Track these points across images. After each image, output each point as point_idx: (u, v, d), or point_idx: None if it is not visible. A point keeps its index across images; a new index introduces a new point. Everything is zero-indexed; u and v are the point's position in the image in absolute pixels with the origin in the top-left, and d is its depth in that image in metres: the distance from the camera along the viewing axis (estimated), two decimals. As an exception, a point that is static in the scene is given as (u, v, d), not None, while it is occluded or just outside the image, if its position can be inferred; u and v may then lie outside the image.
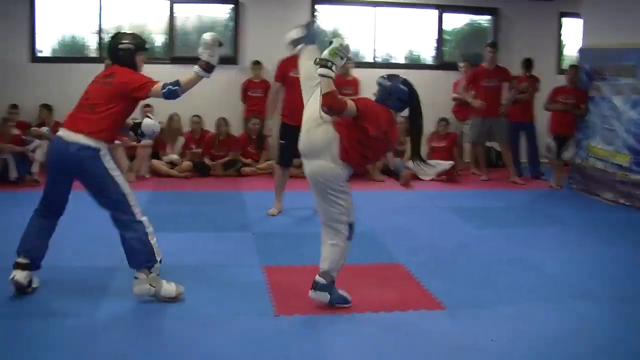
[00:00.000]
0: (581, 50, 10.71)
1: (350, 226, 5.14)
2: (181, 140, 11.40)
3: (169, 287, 5.21)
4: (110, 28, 12.31)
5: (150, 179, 10.66)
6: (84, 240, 6.84)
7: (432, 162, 11.15)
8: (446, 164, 11.07)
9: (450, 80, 12.19)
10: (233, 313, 5.05)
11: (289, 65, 8.04)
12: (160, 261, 5.21)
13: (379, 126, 4.92)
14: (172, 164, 11.06)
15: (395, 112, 5.11)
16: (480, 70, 10.89)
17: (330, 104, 4.79)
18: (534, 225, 8.02)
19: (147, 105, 11.44)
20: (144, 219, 5.20)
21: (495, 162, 12.32)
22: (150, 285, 5.13)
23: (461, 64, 12.04)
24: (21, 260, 5.27)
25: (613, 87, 9.60)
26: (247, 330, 4.74)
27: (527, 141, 11.57)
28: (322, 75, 4.84)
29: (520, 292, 5.66)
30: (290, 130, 7.61)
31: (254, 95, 11.91)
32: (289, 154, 8.19)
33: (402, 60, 13.43)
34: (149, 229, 5.19)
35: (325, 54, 4.90)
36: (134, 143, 10.58)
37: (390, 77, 5.18)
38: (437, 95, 12.10)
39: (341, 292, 5.19)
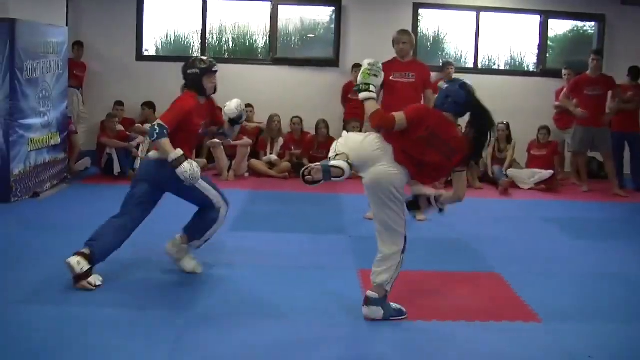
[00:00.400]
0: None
1: (405, 238, 5.04)
2: (281, 141, 11.51)
3: (189, 262, 5.92)
4: (214, 28, 12.55)
5: (249, 179, 10.80)
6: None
7: (530, 170, 11.04)
8: (546, 173, 10.90)
9: (552, 87, 11.98)
10: (325, 315, 5.08)
11: (388, 69, 7.94)
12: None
13: (425, 128, 4.84)
14: (271, 164, 11.18)
15: (453, 116, 5.01)
16: (583, 78, 10.67)
17: (379, 123, 4.82)
18: (635, 240, 7.82)
19: (248, 105, 11.59)
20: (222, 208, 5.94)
21: (597, 173, 12.06)
22: (178, 250, 5.94)
23: (564, 72, 11.82)
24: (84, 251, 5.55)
25: None
26: (338, 333, 4.77)
27: (632, 152, 11.28)
28: (364, 99, 4.89)
29: (617, 308, 5.50)
30: None
31: (354, 98, 11.93)
32: None
33: (504, 67, 13.27)
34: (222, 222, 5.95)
35: (360, 79, 4.93)
36: (234, 142, 10.72)
37: (450, 82, 5.16)
38: (538, 103, 11.98)
39: (394, 305, 5.10)
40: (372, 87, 4.89)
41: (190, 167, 5.54)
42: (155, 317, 4.85)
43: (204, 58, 5.93)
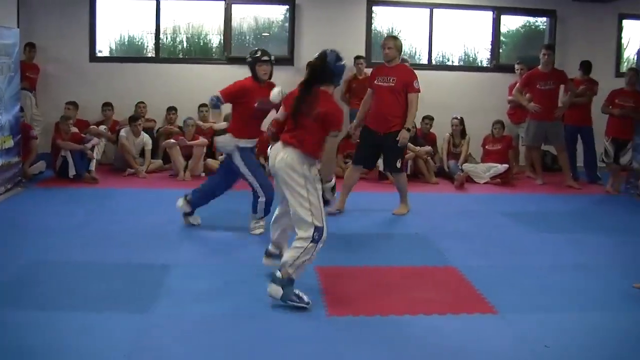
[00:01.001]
0: (640, 53, 10.57)
1: (317, 229, 5.10)
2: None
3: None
4: (167, 29, 12.48)
5: (205, 178, 10.73)
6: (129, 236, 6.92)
7: (486, 165, 11.12)
8: (501, 167, 10.99)
9: (506, 82, 12.08)
10: (284, 312, 5.07)
11: (375, 73, 8.46)
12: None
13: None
14: (227, 164, 11.12)
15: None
16: (535, 73, 10.77)
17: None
18: (589, 231, 7.91)
19: (203, 105, 11.56)
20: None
21: (551, 165, 12.20)
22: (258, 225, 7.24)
23: (517, 66, 11.92)
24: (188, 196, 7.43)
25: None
26: (298, 330, 4.76)
27: (584, 145, 11.41)
28: None
29: (575, 298, 5.59)
30: (370, 133, 8.27)
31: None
32: (361, 154, 8.58)
33: (457, 62, 13.37)
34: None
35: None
36: (190, 142, 10.69)
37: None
38: (492, 98, 12.09)
39: (297, 291, 5.14)
40: None
41: (223, 140, 7.19)
42: (112, 319, 4.81)
43: (258, 50, 7.36)
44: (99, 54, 12.26)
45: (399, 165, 8.36)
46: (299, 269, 5.12)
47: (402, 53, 8.81)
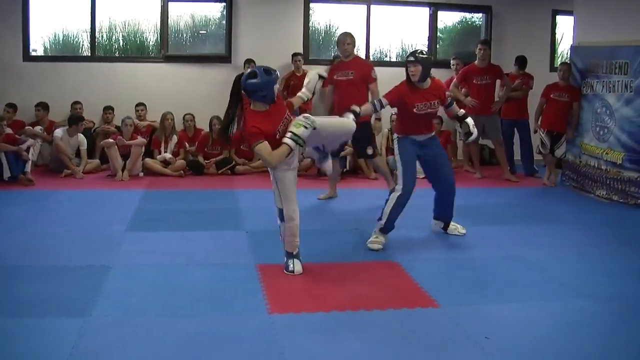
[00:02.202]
0: (573, 48, 10.72)
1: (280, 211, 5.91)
2: (175, 139, 11.37)
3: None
4: (103, 27, 12.33)
5: (143, 178, 10.64)
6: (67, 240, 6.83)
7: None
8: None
9: (443, 78, 12.09)
10: (226, 311, 5.05)
11: (333, 69, 8.91)
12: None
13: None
14: (166, 163, 11.04)
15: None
16: (472, 68, 10.88)
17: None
18: (528, 223, 8.02)
19: (140, 104, 11.49)
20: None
21: (489, 159, 12.33)
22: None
23: (453, 62, 12.02)
24: None
25: (606, 84, 9.62)
26: (240, 329, 4.74)
27: (521, 139, 11.54)
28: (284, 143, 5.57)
29: (514, 290, 5.67)
30: None
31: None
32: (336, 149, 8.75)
33: (395, 58, 13.44)
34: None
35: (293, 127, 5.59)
36: (128, 142, 10.59)
37: None
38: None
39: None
40: (297, 139, 5.52)
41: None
42: (51, 323, 4.72)
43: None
44: (33, 53, 12.05)
45: (370, 152, 8.87)
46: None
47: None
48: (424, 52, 6.86)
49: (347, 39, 8.84)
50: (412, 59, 6.75)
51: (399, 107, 6.94)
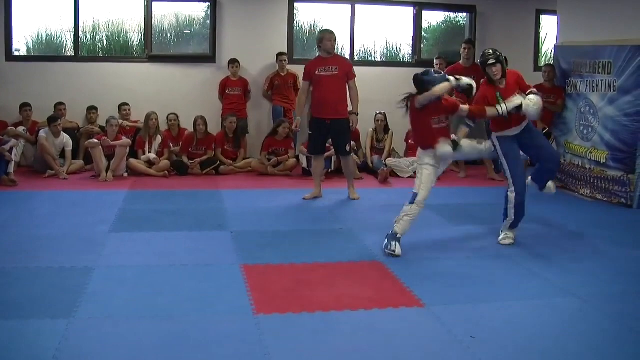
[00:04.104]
0: (557, 47, 10.76)
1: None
2: (159, 139, 11.34)
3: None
4: (87, 27, 12.28)
5: (128, 179, 10.60)
6: (55, 240, 6.79)
7: (409, 159, 11.18)
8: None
9: (427, 77, 12.18)
10: (211, 312, 5.04)
11: (314, 65, 8.96)
12: None
13: None
14: (150, 163, 11.00)
15: None
16: (457, 68, 10.87)
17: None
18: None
19: (125, 104, 11.47)
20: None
21: (474, 159, 12.33)
22: None
23: (436, 61, 12.03)
24: None
25: (589, 83, 9.66)
26: (225, 329, 4.73)
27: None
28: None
29: (499, 289, 5.69)
30: (319, 123, 8.93)
31: (231, 93, 11.91)
32: (317, 144, 9.13)
33: (380, 58, 13.44)
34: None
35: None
36: (112, 142, 10.56)
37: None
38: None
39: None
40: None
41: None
42: (36, 325, 4.69)
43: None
44: (15, 53, 11.98)
45: (348, 149, 9.06)
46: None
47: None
48: (497, 50, 7.03)
49: (332, 36, 8.99)
50: (492, 60, 6.93)
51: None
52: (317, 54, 9.29)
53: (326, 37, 8.96)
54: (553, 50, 11.13)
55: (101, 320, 4.85)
